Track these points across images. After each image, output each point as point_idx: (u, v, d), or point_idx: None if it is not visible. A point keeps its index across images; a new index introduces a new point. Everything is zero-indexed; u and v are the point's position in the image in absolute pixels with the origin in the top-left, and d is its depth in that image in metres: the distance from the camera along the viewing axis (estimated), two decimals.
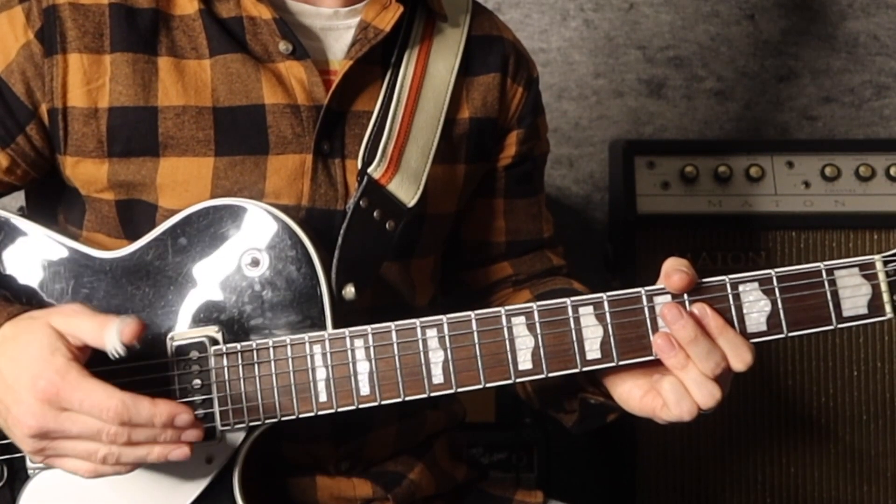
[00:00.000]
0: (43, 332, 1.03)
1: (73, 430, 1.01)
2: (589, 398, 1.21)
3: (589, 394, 1.21)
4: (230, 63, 1.19)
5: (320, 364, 1.11)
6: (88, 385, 1.01)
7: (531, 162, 1.43)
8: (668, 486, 2.01)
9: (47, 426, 1.01)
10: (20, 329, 1.05)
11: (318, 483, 1.24)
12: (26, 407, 1.01)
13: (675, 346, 1.07)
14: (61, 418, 1.01)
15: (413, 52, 1.29)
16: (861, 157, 2.03)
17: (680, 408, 1.08)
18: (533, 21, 2.42)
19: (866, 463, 2.00)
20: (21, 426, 1.02)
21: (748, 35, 2.45)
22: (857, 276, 1.09)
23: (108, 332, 1.01)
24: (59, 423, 1.01)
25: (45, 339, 1.02)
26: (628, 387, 1.14)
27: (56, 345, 1.02)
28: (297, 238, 1.14)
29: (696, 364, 1.06)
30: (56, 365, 1.01)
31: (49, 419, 1.01)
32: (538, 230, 1.44)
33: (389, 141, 1.23)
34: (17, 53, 1.17)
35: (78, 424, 1.01)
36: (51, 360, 1.01)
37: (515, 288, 1.41)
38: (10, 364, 1.03)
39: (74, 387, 1.00)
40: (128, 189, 1.18)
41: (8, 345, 1.04)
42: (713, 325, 1.07)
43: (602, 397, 1.19)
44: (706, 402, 1.07)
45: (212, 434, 1.11)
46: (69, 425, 1.01)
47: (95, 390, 1.00)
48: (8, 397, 1.03)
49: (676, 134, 2.46)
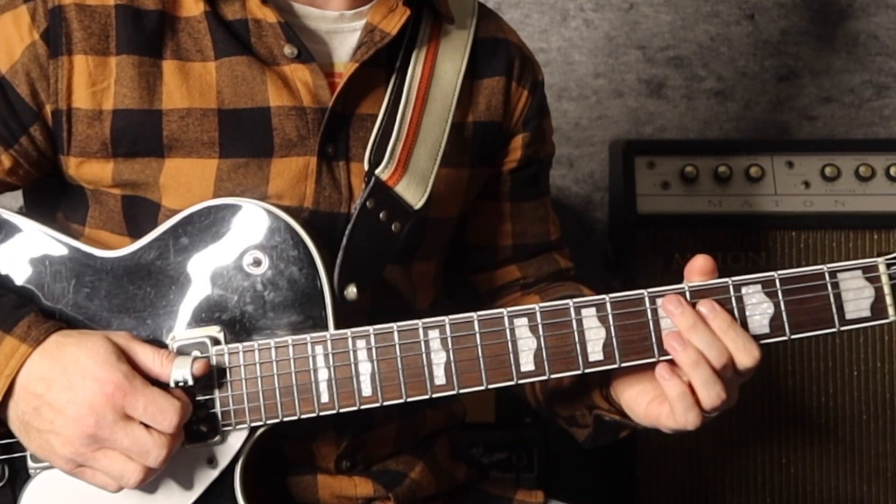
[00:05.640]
0: (105, 343, 1.08)
1: (123, 443, 1.04)
2: (604, 415, 1.23)
3: (604, 411, 1.22)
4: (235, 65, 1.18)
5: (322, 364, 1.11)
6: (153, 391, 1.06)
7: (537, 165, 1.43)
8: (668, 486, 2.01)
9: (102, 431, 1.04)
10: (75, 339, 1.08)
11: (319, 482, 1.24)
12: (88, 407, 1.04)
13: (685, 343, 1.07)
14: (117, 426, 1.04)
15: (420, 54, 1.29)
16: (861, 157, 2.03)
17: (686, 417, 1.09)
18: (533, 21, 2.42)
19: (866, 463, 2.00)
20: (77, 425, 1.04)
21: (748, 35, 2.45)
22: (860, 279, 1.10)
23: (178, 362, 1.08)
24: (112, 432, 1.04)
25: (110, 348, 1.07)
26: (636, 392, 1.15)
27: (120, 354, 1.07)
28: (298, 238, 1.14)
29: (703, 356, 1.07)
30: (123, 370, 1.06)
31: (107, 423, 1.04)
32: (545, 232, 1.44)
33: (398, 143, 1.23)
34: (22, 54, 1.16)
35: (129, 438, 1.04)
36: (117, 366, 1.06)
37: (524, 292, 1.42)
38: (70, 365, 1.06)
39: (141, 391, 1.05)
40: (133, 187, 1.18)
41: (66, 350, 1.07)
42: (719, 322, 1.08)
43: (617, 415, 1.21)
44: (712, 403, 1.08)
45: (214, 434, 1.11)
46: (122, 436, 1.04)
47: (160, 397, 1.06)
48: (63, 397, 1.05)
49: (676, 134, 2.46)
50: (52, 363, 1.07)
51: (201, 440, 1.12)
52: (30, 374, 1.07)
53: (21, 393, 1.07)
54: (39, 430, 1.06)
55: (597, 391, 1.22)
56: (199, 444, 1.12)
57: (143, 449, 1.04)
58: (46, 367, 1.07)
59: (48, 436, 1.06)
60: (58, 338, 1.08)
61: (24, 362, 1.07)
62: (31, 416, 1.07)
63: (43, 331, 1.08)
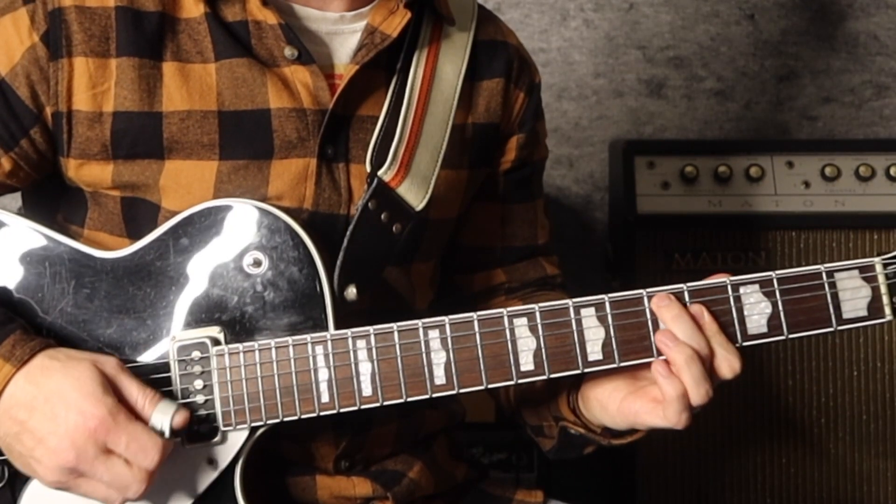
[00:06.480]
0: (92, 373, 1.06)
1: (104, 477, 1.04)
2: (570, 428, 1.23)
3: (569, 423, 1.23)
4: (236, 67, 1.19)
5: (322, 365, 1.11)
6: (136, 428, 1.05)
7: (530, 167, 1.43)
8: (668, 486, 2.01)
9: (82, 465, 1.04)
10: (61, 364, 1.07)
11: (318, 482, 1.24)
12: (69, 441, 1.03)
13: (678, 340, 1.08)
14: (98, 461, 1.04)
15: (422, 55, 1.29)
16: (861, 157, 2.03)
17: (679, 417, 1.10)
18: (533, 21, 2.43)
19: (866, 463, 2.00)
20: (56, 457, 1.04)
21: (748, 35, 2.45)
22: (857, 279, 1.10)
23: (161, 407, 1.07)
24: (93, 466, 1.04)
25: (97, 379, 1.06)
26: (609, 389, 1.16)
27: (106, 386, 1.06)
28: (298, 238, 1.14)
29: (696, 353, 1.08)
30: (108, 405, 1.05)
31: (88, 457, 1.03)
32: (533, 236, 1.44)
33: (400, 144, 1.23)
34: (22, 56, 1.16)
35: (110, 473, 1.04)
36: (103, 399, 1.05)
37: (508, 297, 1.41)
38: (54, 395, 1.05)
39: (123, 428, 1.04)
40: (132, 188, 1.19)
41: (50, 377, 1.06)
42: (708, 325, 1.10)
43: (583, 429, 1.22)
44: (700, 400, 1.09)
45: (214, 434, 1.12)
46: (102, 471, 1.04)
47: (142, 434, 1.04)
48: (44, 427, 1.04)
49: (676, 134, 2.46)
50: (35, 390, 1.05)
51: (201, 440, 1.12)
52: (12, 399, 1.06)
53: (3, 416, 1.06)
54: (20, 453, 1.06)
55: (564, 401, 1.23)
56: (199, 445, 1.12)
57: (122, 484, 1.04)
58: (29, 394, 1.05)
59: (30, 461, 1.06)
60: (43, 360, 1.07)
61: (7, 383, 1.06)
62: (12, 439, 1.06)
63: (28, 350, 1.07)
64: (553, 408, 1.26)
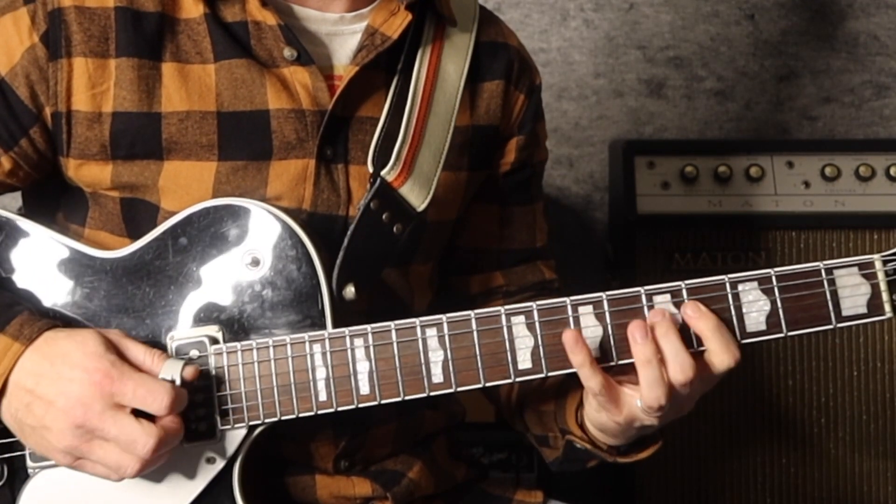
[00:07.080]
0: (95, 336, 1.08)
1: (112, 432, 1.04)
2: (576, 442, 1.23)
3: (576, 437, 1.22)
4: (235, 68, 1.19)
5: (320, 363, 1.12)
6: (142, 375, 1.07)
7: (530, 169, 1.42)
8: (668, 486, 2.01)
9: (91, 421, 1.04)
10: (66, 333, 1.09)
11: (318, 482, 1.24)
12: (76, 399, 1.04)
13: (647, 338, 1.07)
14: (105, 415, 1.04)
15: (424, 56, 1.29)
16: (861, 157, 2.02)
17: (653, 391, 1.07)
18: (533, 21, 2.43)
19: (866, 463, 2.00)
20: (66, 416, 1.04)
21: (748, 35, 2.45)
22: (856, 276, 1.10)
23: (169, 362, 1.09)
24: (102, 422, 1.04)
25: (99, 340, 1.08)
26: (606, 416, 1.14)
27: (109, 345, 1.08)
28: (297, 238, 1.14)
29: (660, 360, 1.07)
30: (111, 359, 1.06)
31: (96, 413, 1.04)
32: (531, 239, 1.44)
33: (403, 145, 1.23)
34: (22, 56, 1.16)
35: (118, 427, 1.04)
36: (105, 356, 1.06)
37: (506, 300, 1.41)
38: (58, 358, 1.07)
39: (129, 376, 1.06)
40: (131, 189, 1.19)
41: (56, 345, 1.08)
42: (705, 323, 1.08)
43: (589, 444, 1.21)
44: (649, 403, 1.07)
45: (212, 433, 1.12)
46: (111, 425, 1.04)
47: (149, 380, 1.06)
48: (52, 390, 1.06)
49: (676, 134, 2.46)
50: (41, 358, 1.07)
51: (200, 439, 1.12)
52: (21, 371, 1.07)
53: (13, 391, 1.08)
54: (33, 426, 1.07)
55: (573, 416, 1.23)
56: (197, 443, 1.12)
57: (130, 438, 1.04)
58: (36, 362, 1.07)
59: (42, 431, 1.06)
60: (49, 334, 1.09)
61: (16, 361, 1.07)
62: (23, 413, 1.07)
63: (36, 329, 1.09)
64: (560, 419, 1.26)
